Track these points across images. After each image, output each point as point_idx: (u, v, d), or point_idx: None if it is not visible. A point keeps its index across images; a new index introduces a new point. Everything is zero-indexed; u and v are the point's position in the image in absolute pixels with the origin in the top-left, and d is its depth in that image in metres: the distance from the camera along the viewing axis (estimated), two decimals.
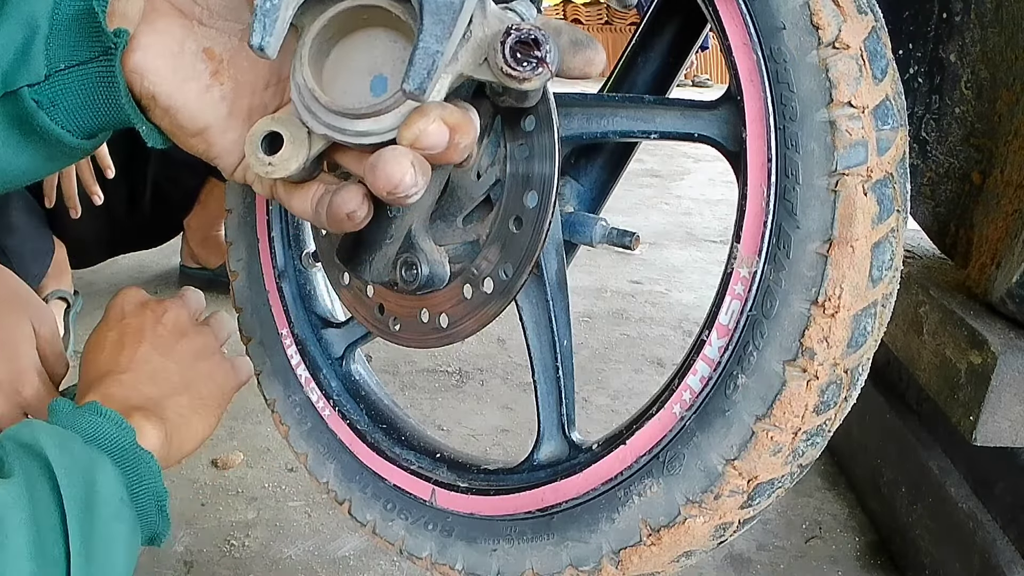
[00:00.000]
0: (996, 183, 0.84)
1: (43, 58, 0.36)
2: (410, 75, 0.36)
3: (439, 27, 0.36)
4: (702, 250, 2.34)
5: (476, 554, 0.61)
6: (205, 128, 0.41)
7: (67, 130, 0.38)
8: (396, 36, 0.41)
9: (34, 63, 0.36)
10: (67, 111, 0.38)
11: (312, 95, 0.39)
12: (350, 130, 0.40)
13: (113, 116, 0.39)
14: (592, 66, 0.42)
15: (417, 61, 0.36)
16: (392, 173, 0.38)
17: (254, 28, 0.35)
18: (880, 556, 1.07)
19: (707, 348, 0.53)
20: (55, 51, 0.36)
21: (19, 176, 0.40)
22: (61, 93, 0.37)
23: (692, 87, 7.06)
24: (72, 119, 0.38)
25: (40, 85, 0.37)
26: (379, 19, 0.40)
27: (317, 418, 0.73)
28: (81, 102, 0.38)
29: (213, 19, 0.40)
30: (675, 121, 0.56)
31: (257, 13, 0.35)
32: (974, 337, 0.77)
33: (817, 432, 0.52)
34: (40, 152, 0.39)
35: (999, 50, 0.83)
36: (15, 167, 0.39)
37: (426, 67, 0.36)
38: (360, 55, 0.41)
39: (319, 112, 0.39)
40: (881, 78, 0.50)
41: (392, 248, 0.58)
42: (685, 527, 0.53)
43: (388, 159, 0.38)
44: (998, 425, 0.75)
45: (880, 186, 0.49)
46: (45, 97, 0.37)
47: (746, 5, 0.51)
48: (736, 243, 0.53)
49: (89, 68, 0.37)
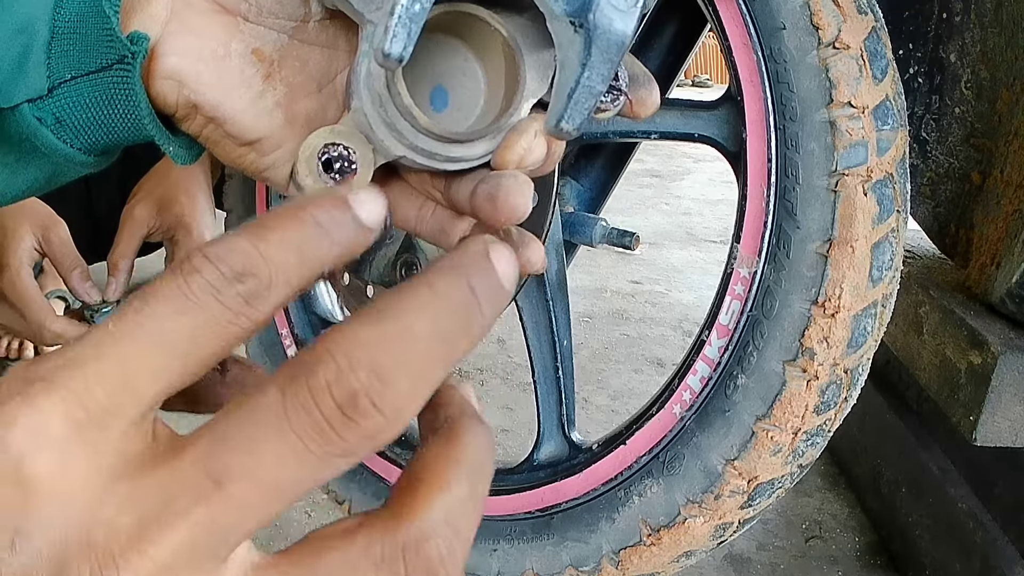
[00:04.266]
0: (996, 183, 0.84)
1: (44, 69, 0.31)
2: (569, 114, 0.32)
3: (606, 66, 0.32)
4: (702, 250, 2.34)
5: (476, 554, 0.61)
6: (259, 140, 0.35)
7: (76, 148, 0.33)
8: (469, 52, 0.36)
9: (33, 75, 0.31)
10: (75, 129, 0.33)
11: (403, 113, 0.33)
12: (441, 155, 0.35)
13: (132, 132, 0.34)
14: (644, 108, 0.37)
15: (579, 100, 0.32)
16: (517, 205, 0.33)
17: (395, 34, 0.30)
18: (880, 556, 1.07)
19: (707, 348, 0.53)
20: (58, 59, 0.31)
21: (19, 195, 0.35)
22: (67, 108, 0.32)
23: (692, 87, 7.06)
24: (81, 137, 0.33)
25: (42, 100, 0.31)
26: (462, 29, 0.35)
27: None
28: (92, 118, 0.33)
29: (261, 15, 0.35)
30: (675, 121, 0.56)
31: (401, 17, 0.30)
32: (974, 337, 0.77)
33: (817, 432, 0.52)
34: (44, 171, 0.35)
35: (999, 50, 0.83)
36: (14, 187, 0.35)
37: (588, 107, 0.32)
38: (422, 62, 0.36)
39: (405, 131, 0.34)
40: (881, 78, 0.50)
41: (392, 248, 0.58)
42: (685, 527, 0.53)
43: (512, 190, 0.33)
44: (998, 425, 0.75)
45: (880, 186, 0.49)
46: (48, 113, 0.32)
47: (746, 5, 0.51)
48: (736, 243, 0.53)
49: (101, 78, 0.32)
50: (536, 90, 0.36)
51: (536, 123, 0.35)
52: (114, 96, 0.33)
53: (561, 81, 0.33)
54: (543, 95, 0.36)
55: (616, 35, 0.32)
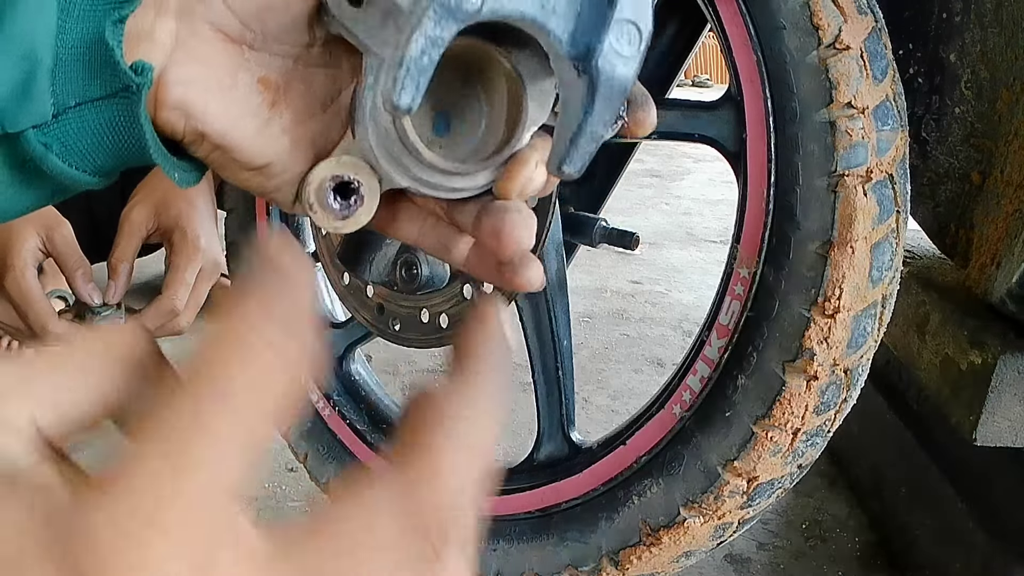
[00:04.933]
0: (996, 183, 0.84)
1: (49, 95, 0.31)
2: (571, 158, 0.32)
3: (608, 112, 0.32)
4: (702, 250, 2.34)
5: (476, 554, 0.61)
6: (266, 165, 0.36)
7: (82, 171, 0.33)
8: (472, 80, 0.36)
9: (39, 102, 0.31)
10: (81, 154, 0.32)
11: (409, 149, 0.34)
12: (444, 186, 0.35)
13: (138, 157, 0.34)
14: (642, 128, 0.37)
15: (581, 144, 0.32)
16: (522, 239, 0.34)
17: (404, 86, 0.30)
18: (880, 556, 1.07)
19: (707, 348, 0.53)
20: (62, 86, 0.31)
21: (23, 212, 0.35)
22: (73, 134, 0.32)
23: (692, 87, 7.05)
24: (87, 161, 0.33)
25: (47, 126, 0.31)
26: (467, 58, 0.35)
27: (317, 418, 0.73)
28: (98, 144, 0.33)
29: (267, 43, 0.34)
30: (675, 121, 0.56)
31: (411, 68, 0.30)
32: (974, 337, 0.77)
33: (817, 432, 0.52)
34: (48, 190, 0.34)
35: (999, 50, 0.83)
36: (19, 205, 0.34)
37: (589, 152, 0.32)
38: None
39: (410, 165, 0.34)
40: (881, 79, 0.50)
41: (392, 248, 0.58)
42: (684, 527, 0.53)
43: (516, 224, 0.34)
44: (998, 425, 0.75)
45: (880, 187, 0.49)
46: (54, 139, 0.32)
47: (746, 5, 0.51)
48: (736, 243, 0.53)
49: (106, 106, 0.32)
50: (537, 118, 0.36)
51: (537, 153, 0.35)
52: (119, 124, 0.32)
53: (563, 123, 0.33)
54: (544, 121, 0.36)
55: (619, 81, 0.32)
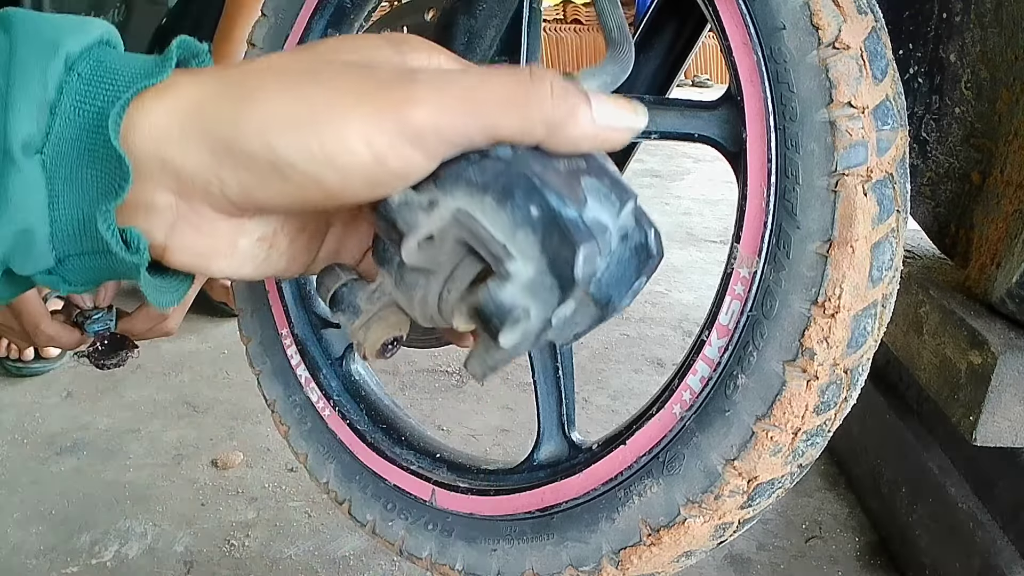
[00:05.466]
0: (996, 183, 0.84)
1: (50, 254, 0.32)
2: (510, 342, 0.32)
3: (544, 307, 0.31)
4: (702, 250, 2.34)
5: (476, 554, 0.61)
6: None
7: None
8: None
9: (40, 259, 0.32)
10: (83, 283, 0.34)
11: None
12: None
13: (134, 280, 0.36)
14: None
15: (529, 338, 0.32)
16: None
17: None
18: (880, 556, 1.07)
19: (707, 348, 0.53)
20: (62, 245, 0.32)
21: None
22: (76, 272, 0.33)
23: (692, 87, 7.05)
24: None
25: (51, 269, 0.33)
26: None
27: (317, 418, 0.73)
28: (100, 277, 0.34)
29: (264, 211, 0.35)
30: (675, 121, 0.56)
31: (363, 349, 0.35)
32: (974, 337, 0.77)
33: (817, 432, 0.52)
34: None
35: (999, 50, 0.83)
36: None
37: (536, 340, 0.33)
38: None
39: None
40: (881, 78, 0.50)
41: None
42: (685, 527, 0.53)
43: None
44: (998, 425, 0.75)
45: (880, 186, 0.49)
46: (58, 276, 0.33)
47: (746, 5, 0.51)
48: (736, 243, 0.53)
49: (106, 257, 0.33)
50: None
51: None
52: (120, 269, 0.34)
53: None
54: None
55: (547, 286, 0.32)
